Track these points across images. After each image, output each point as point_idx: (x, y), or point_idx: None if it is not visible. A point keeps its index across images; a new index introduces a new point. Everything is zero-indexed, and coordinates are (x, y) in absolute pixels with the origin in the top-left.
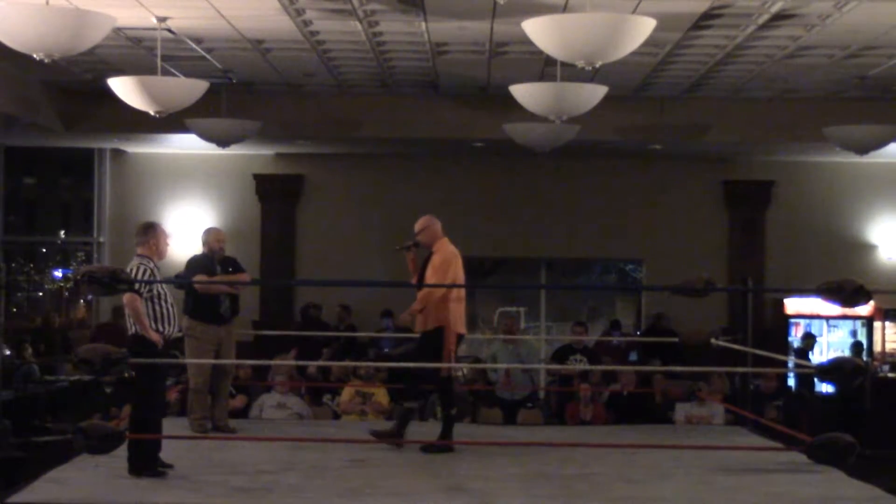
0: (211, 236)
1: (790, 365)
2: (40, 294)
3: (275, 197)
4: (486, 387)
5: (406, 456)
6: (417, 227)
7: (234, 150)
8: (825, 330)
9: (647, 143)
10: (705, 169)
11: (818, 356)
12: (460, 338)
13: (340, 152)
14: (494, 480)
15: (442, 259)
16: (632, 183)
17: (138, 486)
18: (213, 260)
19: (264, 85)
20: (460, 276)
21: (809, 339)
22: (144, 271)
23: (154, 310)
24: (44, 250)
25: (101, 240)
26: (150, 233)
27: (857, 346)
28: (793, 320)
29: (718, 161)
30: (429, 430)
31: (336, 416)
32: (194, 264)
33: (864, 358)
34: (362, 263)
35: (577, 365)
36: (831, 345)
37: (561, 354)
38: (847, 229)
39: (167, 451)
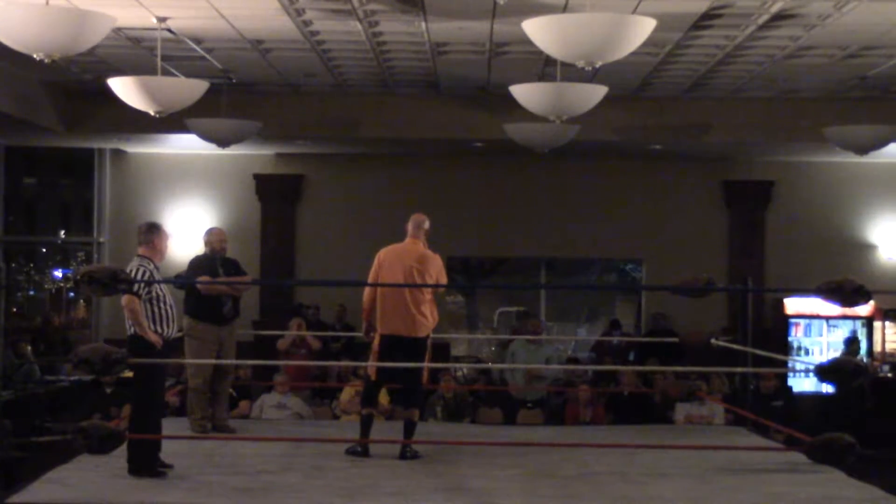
0: (213, 236)
1: (790, 365)
2: (40, 294)
3: (275, 197)
4: (487, 387)
5: None
6: None
7: (234, 150)
8: (825, 330)
9: (647, 143)
10: (705, 169)
11: (818, 356)
12: (385, 339)
13: (340, 152)
14: (494, 480)
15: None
16: (632, 183)
17: (138, 486)
18: (215, 260)
19: (264, 85)
20: (385, 276)
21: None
22: (144, 272)
23: (153, 311)
24: (44, 250)
25: (101, 240)
26: (154, 233)
27: (852, 345)
28: (793, 320)
29: (718, 161)
30: (428, 429)
31: (336, 416)
32: (197, 264)
33: (864, 358)
34: (362, 263)
35: (580, 366)
36: (831, 345)
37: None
38: (847, 229)
39: (167, 451)
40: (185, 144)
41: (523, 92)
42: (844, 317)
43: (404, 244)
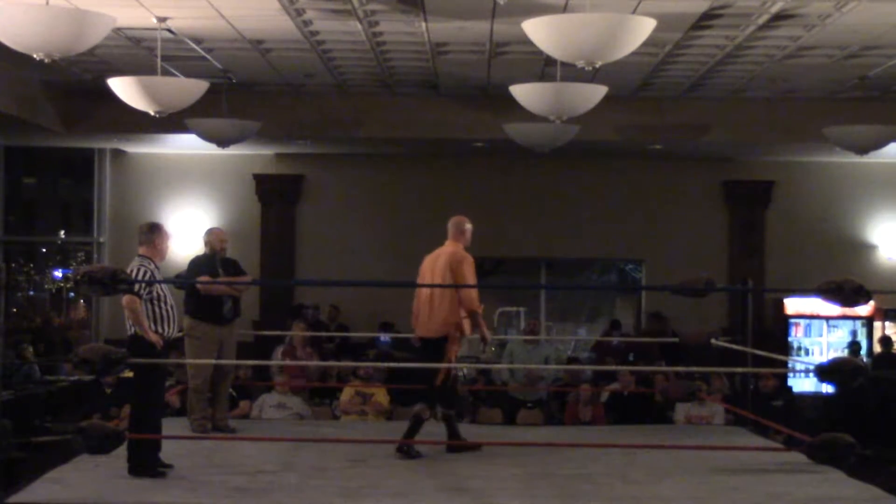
0: (213, 236)
1: (790, 365)
2: (40, 294)
3: (275, 197)
4: (487, 387)
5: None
6: None
7: (234, 150)
8: (825, 330)
9: (647, 143)
10: (705, 169)
11: (818, 356)
12: (418, 340)
13: (340, 152)
14: (494, 480)
15: None
16: (632, 183)
17: (138, 486)
18: (215, 260)
19: (264, 85)
20: (420, 280)
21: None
22: (144, 273)
23: (154, 311)
24: (44, 250)
25: (101, 240)
26: (155, 233)
27: (854, 346)
28: (793, 320)
29: (718, 161)
30: (428, 429)
31: (336, 416)
32: (197, 265)
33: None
34: (362, 263)
35: (580, 366)
36: (831, 345)
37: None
38: (847, 229)
39: (167, 451)
40: (185, 144)
41: (523, 92)
42: (844, 317)
43: (442, 247)
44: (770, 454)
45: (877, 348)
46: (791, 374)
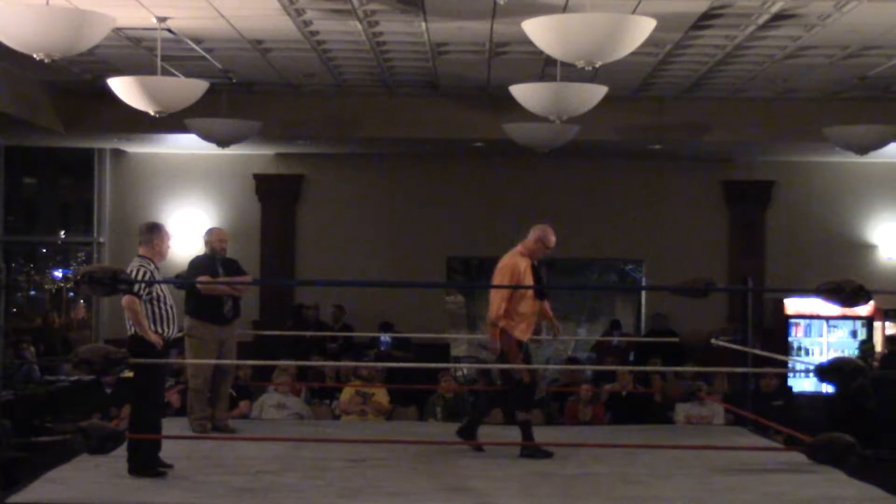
0: (213, 236)
1: (790, 365)
2: (40, 294)
3: (275, 197)
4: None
5: (406, 456)
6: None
7: (234, 150)
8: (825, 330)
9: (647, 143)
10: (705, 169)
11: (818, 356)
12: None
13: (340, 152)
14: (494, 480)
15: None
16: (632, 183)
17: (138, 486)
18: (215, 261)
19: (264, 85)
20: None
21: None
22: (144, 273)
23: (154, 311)
24: (44, 250)
25: (101, 240)
26: (155, 233)
27: (866, 346)
28: (793, 320)
29: (718, 161)
30: (428, 429)
31: (336, 416)
32: (197, 265)
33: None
34: (362, 263)
35: (580, 366)
36: (831, 345)
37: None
38: (847, 229)
39: (167, 451)
40: (185, 144)
41: (523, 92)
42: (844, 317)
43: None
44: (770, 454)
45: (879, 347)
46: (791, 374)
